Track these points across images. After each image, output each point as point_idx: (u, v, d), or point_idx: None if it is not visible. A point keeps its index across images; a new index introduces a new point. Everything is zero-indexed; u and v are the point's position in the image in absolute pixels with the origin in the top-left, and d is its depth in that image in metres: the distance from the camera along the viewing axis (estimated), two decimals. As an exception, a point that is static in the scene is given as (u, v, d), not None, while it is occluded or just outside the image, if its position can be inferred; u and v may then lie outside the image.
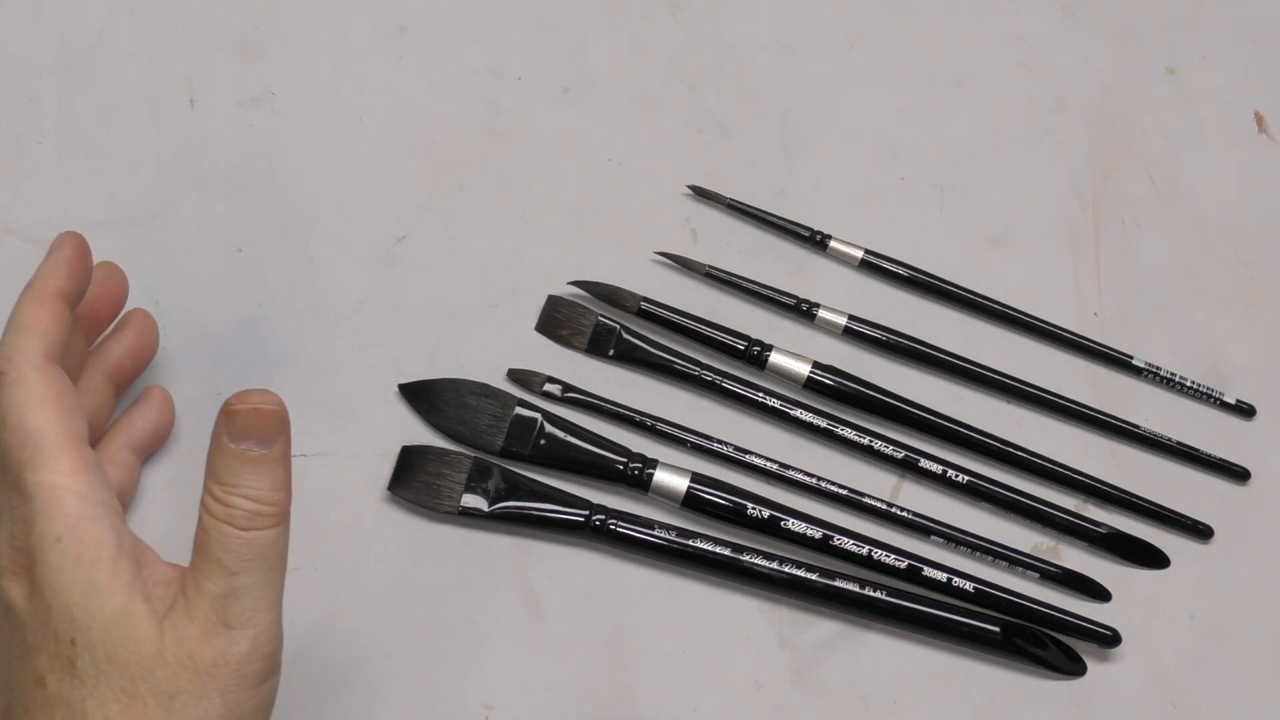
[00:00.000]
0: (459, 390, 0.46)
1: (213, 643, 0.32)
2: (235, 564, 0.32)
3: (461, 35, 0.52)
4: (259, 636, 0.32)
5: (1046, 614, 0.46)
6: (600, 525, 0.44)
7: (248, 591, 0.32)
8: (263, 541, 0.32)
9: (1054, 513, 0.48)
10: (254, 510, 0.32)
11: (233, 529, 0.32)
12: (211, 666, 0.32)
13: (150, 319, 0.43)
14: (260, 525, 0.32)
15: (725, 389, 0.48)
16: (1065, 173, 0.55)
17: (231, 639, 0.32)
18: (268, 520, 0.32)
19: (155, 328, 0.44)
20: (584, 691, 0.43)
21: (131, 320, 0.43)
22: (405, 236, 0.49)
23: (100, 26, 0.50)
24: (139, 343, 0.43)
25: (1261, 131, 0.57)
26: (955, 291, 0.52)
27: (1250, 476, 0.51)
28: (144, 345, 0.43)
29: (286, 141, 0.49)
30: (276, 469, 0.33)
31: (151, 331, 0.43)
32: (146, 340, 0.43)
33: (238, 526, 0.32)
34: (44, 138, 0.48)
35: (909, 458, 0.48)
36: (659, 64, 0.54)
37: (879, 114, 0.55)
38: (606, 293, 0.48)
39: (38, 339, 0.36)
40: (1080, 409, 0.50)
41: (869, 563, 0.46)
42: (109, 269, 0.42)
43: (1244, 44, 0.59)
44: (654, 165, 0.52)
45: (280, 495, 0.33)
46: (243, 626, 0.32)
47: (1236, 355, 0.53)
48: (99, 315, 0.42)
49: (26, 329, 0.36)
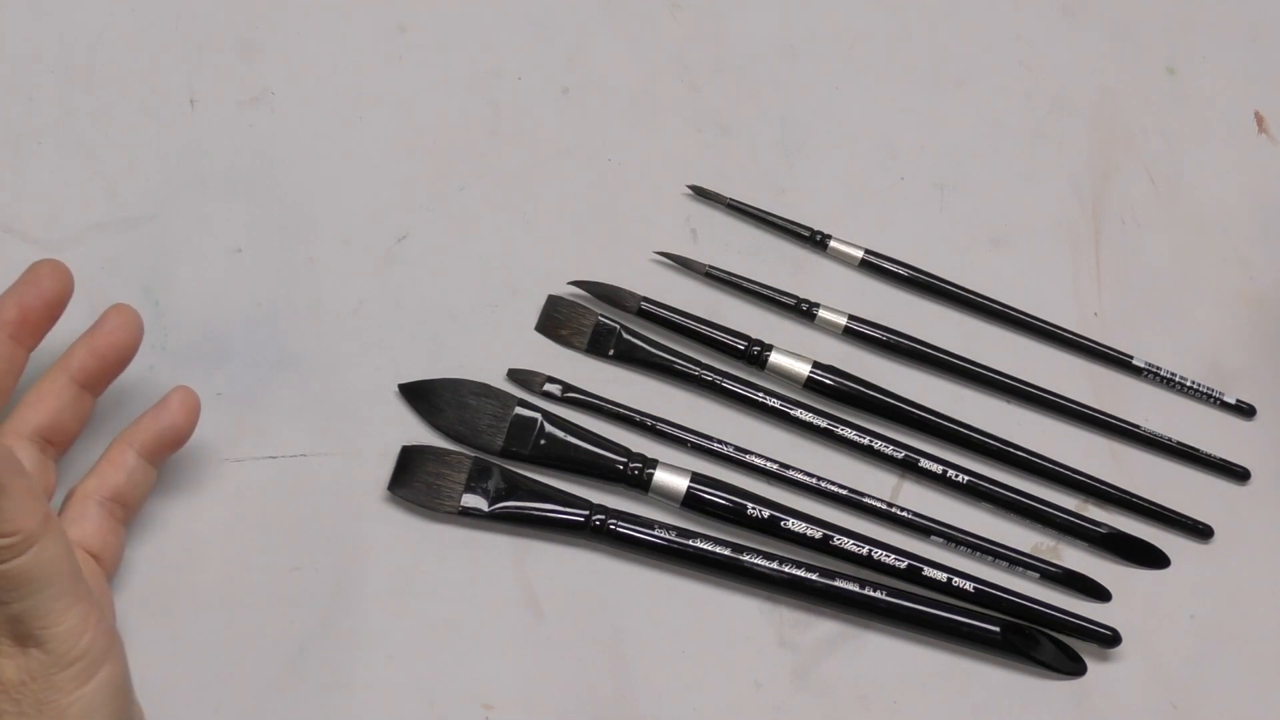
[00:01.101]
0: (459, 390, 0.46)
1: (13, 662, 0.33)
2: (1, 595, 0.33)
3: (461, 35, 0.52)
4: (58, 647, 0.33)
5: (1046, 614, 0.46)
6: (600, 525, 0.44)
7: (27, 614, 0.33)
8: (19, 570, 0.32)
9: (1054, 513, 0.48)
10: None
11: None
12: (18, 684, 0.33)
13: (126, 316, 0.41)
14: (8, 557, 0.32)
15: (725, 389, 0.48)
16: (1065, 173, 0.55)
17: (29, 656, 0.33)
18: (13, 550, 0.32)
19: (128, 325, 0.41)
20: (584, 691, 0.43)
21: (104, 320, 0.41)
22: (405, 236, 0.49)
23: (100, 26, 0.50)
24: (107, 341, 0.40)
25: (1261, 131, 0.57)
26: (955, 291, 0.52)
27: (1250, 476, 0.51)
28: (112, 344, 0.40)
29: (286, 141, 0.49)
30: (2, 503, 0.32)
31: (123, 330, 0.41)
32: (115, 339, 0.40)
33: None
34: (44, 138, 0.48)
35: (909, 458, 0.48)
36: (659, 64, 0.54)
37: (879, 114, 0.55)
38: (606, 293, 0.48)
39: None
40: (1080, 409, 0.50)
41: (869, 563, 0.46)
42: (40, 268, 0.40)
43: (1244, 44, 0.59)
44: (654, 165, 0.52)
45: (17, 524, 0.32)
46: (36, 643, 0.33)
47: (1236, 355, 0.53)
48: (30, 320, 0.40)
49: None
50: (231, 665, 0.42)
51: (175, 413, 0.41)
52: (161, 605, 0.42)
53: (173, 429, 0.41)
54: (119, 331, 0.41)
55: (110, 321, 0.41)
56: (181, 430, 0.41)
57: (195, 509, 0.43)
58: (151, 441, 0.41)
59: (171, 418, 0.41)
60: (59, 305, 0.40)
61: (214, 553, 0.43)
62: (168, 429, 0.41)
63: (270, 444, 0.45)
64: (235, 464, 0.44)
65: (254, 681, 0.42)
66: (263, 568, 0.43)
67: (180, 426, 0.41)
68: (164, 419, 0.41)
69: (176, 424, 0.41)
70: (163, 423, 0.41)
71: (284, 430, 0.45)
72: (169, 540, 0.43)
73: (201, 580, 0.43)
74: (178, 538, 0.43)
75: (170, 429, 0.41)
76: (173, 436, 0.41)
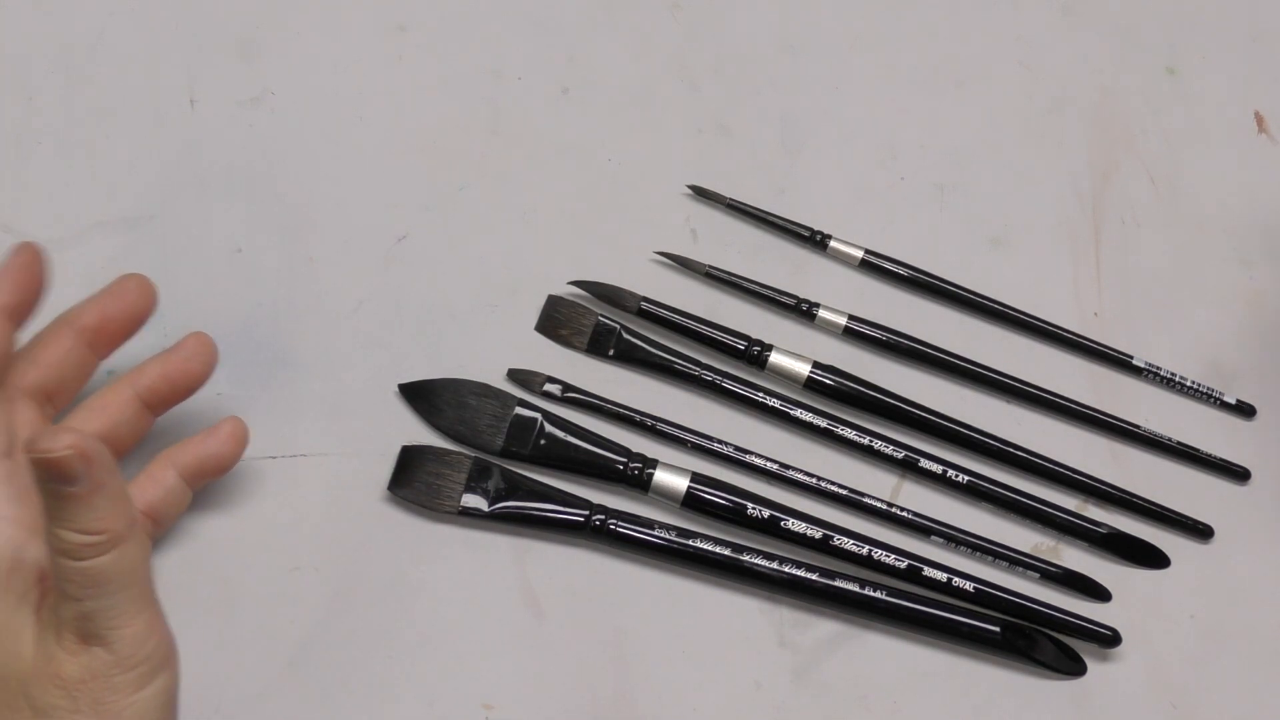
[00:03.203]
0: (459, 390, 0.46)
1: (75, 659, 0.33)
2: (77, 592, 0.32)
3: (461, 35, 0.53)
4: (123, 649, 0.33)
5: (1047, 614, 0.46)
6: (600, 525, 0.44)
7: (99, 613, 0.33)
8: (99, 568, 0.32)
9: (1054, 513, 0.48)
10: (81, 542, 0.32)
11: (67, 560, 0.32)
12: (79, 682, 0.33)
13: (203, 347, 0.41)
14: (92, 555, 0.32)
15: (725, 389, 0.48)
16: (1065, 173, 0.55)
17: (93, 655, 0.33)
18: (98, 549, 0.32)
19: (204, 356, 0.41)
20: (584, 691, 0.43)
21: (181, 345, 0.41)
22: (405, 236, 0.49)
23: (100, 26, 0.50)
24: (181, 369, 0.41)
25: (1261, 131, 0.57)
26: (955, 291, 0.52)
27: (1250, 476, 0.51)
28: (184, 372, 0.41)
29: (286, 141, 0.49)
30: (94, 501, 0.32)
31: (197, 361, 0.41)
32: (189, 368, 0.41)
33: (71, 558, 0.32)
34: (44, 138, 0.48)
35: (909, 458, 0.48)
36: (659, 64, 0.54)
37: (879, 114, 0.55)
38: (606, 293, 0.48)
39: None
40: (1080, 409, 0.50)
41: (869, 563, 0.46)
42: (128, 281, 0.41)
43: (1244, 44, 0.59)
44: (654, 165, 0.52)
45: (105, 524, 0.32)
46: (102, 643, 0.33)
47: (1236, 355, 0.53)
48: (109, 328, 0.40)
49: None
50: (231, 665, 0.42)
51: (223, 441, 0.41)
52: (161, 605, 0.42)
53: (217, 457, 0.41)
54: (194, 361, 0.41)
55: (188, 349, 0.41)
56: (226, 460, 0.41)
57: (195, 509, 0.43)
58: (194, 465, 0.41)
59: (219, 446, 0.41)
60: (139, 320, 0.41)
61: (214, 553, 0.43)
62: (212, 456, 0.41)
63: (270, 444, 0.45)
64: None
65: (254, 681, 0.42)
66: (263, 568, 0.43)
67: (225, 456, 0.41)
68: (211, 446, 0.41)
69: (222, 453, 0.41)
70: (209, 449, 0.41)
71: (284, 430, 0.45)
72: (169, 540, 0.43)
73: (201, 580, 0.43)
74: (177, 538, 0.43)
75: (215, 457, 0.41)
76: (215, 464, 0.41)
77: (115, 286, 0.41)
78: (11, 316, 0.39)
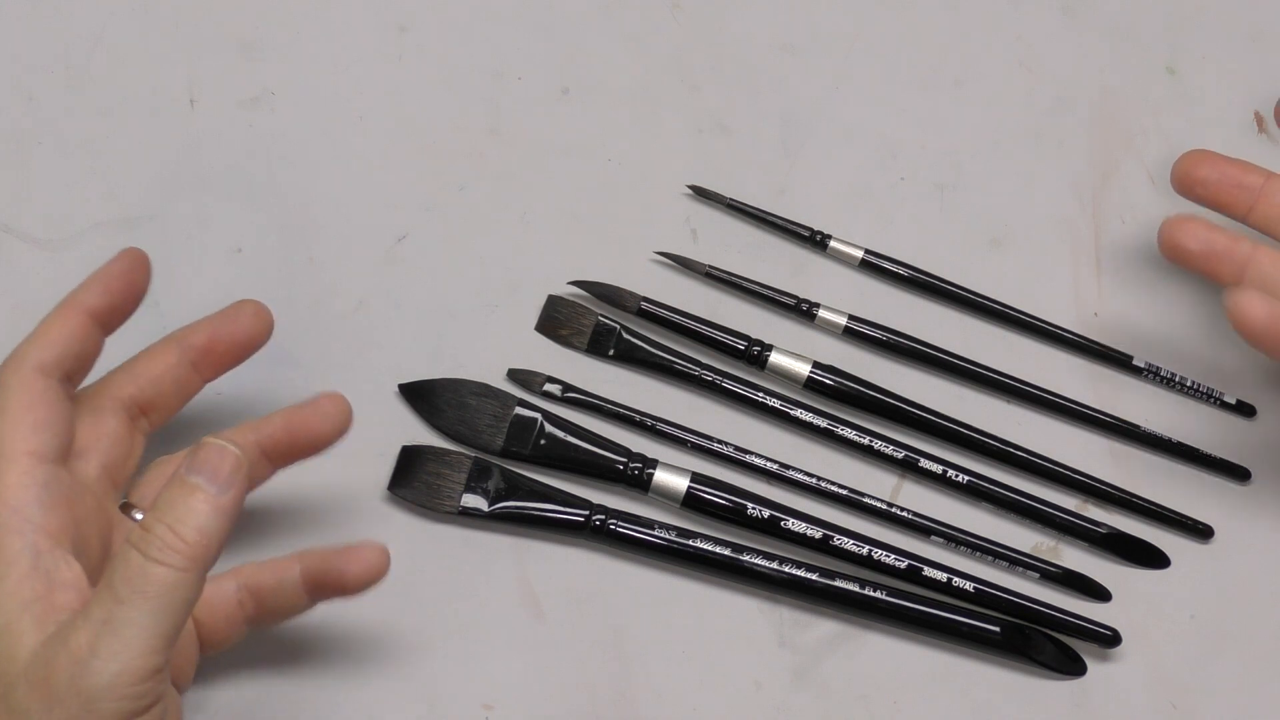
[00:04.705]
0: (459, 390, 0.46)
1: (70, 667, 0.30)
2: (124, 592, 0.30)
3: (461, 35, 0.52)
4: (119, 676, 0.30)
5: (1046, 614, 0.46)
6: (600, 525, 0.44)
7: (126, 625, 0.30)
8: (160, 578, 0.30)
9: (1054, 513, 0.48)
10: (166, 542, 0.31)
11: (137, 554, 0.31)
12: (63, 692, 0.30)
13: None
14: (165, 560, 0.30)
15: (725, 389, 0.48)
16: (1065, 173, 0.55)
17: (90, 668, 0.30)
18: (175, 558, 0.31)
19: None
20: (584, 691, 0.43)
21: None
22: (405, 236, 0.49)
23: (100, 26, 0.50)
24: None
25: (1261, 131, 0.57)
26: (955, 291, 0.51)
27: (1250, 476, 0.51)
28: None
29: (286, 141, 0.49)
30: (212, 514, 0.31)
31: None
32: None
33: (143, 552, 0.31)
34: (44, 138, 0.48)
35: (909, 458, 0.48)
36: (659, 64, 0.54)
37: (879, 114, 0.55)
38: (606, 293, 0.48)
39: (37, 349, 0.36)
40: (1080, 409, 0.50)
41: (869, 563, 0.46)
42: (244, 306, 0.40)
43: (1244, 44, 0.59)
44: (654, 165, 0.52)
45: (200, 539, 0.31)
46: (107, 659, 0.30)
47: (1236, 355, 0.53)
48: (217, 350, 0.39)
49: (32, 338, 0.36)
50: (231, 666, 0.42)
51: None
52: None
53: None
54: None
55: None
56: (316, 437, 0.39)
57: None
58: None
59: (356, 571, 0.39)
60: (250, 347, 0.40)
61: (214, 553, 0.43)
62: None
63: (270, 444, 0.45)
64: (235, 464, 0.44)
65: (253, 682, 0.42)
66: (263, 568, 0.43)
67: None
68: (349, 568, 0.38)
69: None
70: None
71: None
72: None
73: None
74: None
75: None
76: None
77: (231, 310, 0.40)
78: (100, 321, 0.38)
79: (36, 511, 0.34)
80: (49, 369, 0.36)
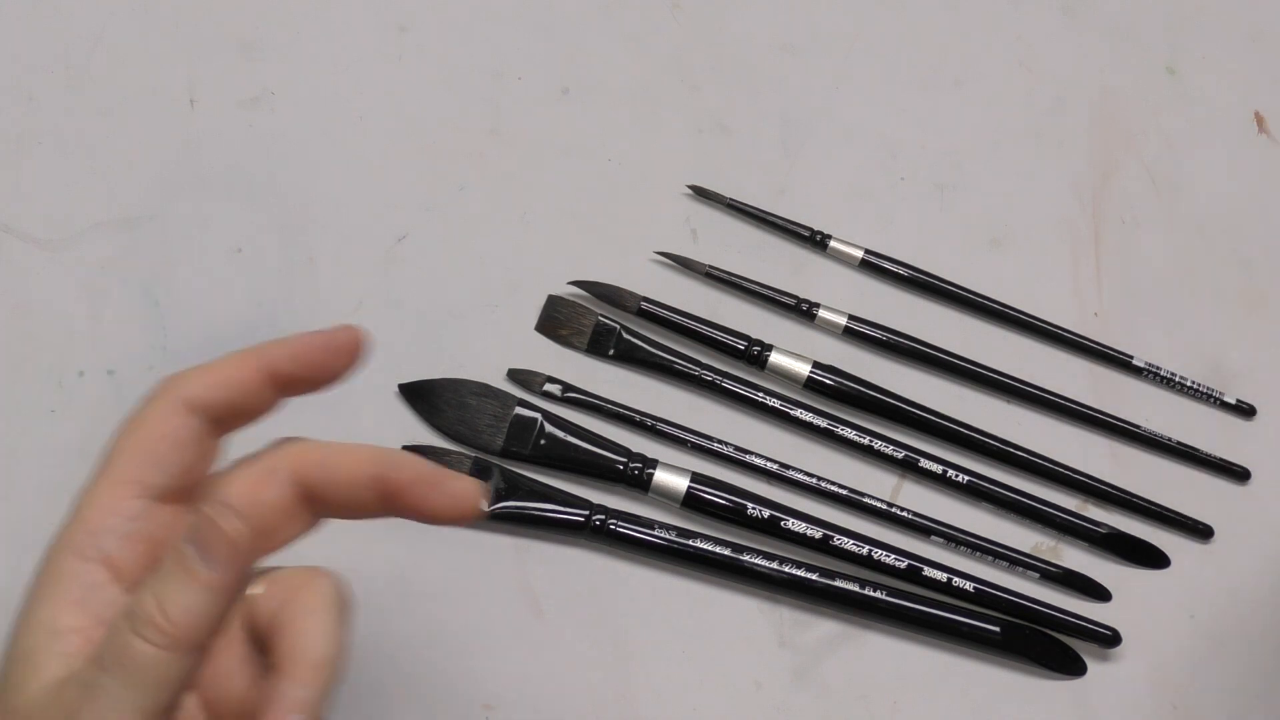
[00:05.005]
0: (459, 390, 0.46)
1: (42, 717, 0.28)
2: (107, 659, 0.28)
3: (461, 35, 0.52)
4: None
5: (1046, 614, 0.46)
6: (600, 525, 0.44)
7: (104, 694, 0.28)
8: (141, 653, 0.28)
9: (1054, 513, 0.48)
10: (148, 617, 0.28)
11: (122, 622, 0.28)
12: None
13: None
14: (148, 637, 0.28)
15: (725, 389, 0.48)
16: (1065, 173, 0.55)
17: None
18: (155, 636, 0.28)
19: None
20: (584, 691, 0.43)
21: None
22: (405, 236, 0.49)
23: (100, 26, 0.50)
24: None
25: (1261, 131, 0.57)
26: (955, 291, 0.52)
27: (1250, 476, 0.51)
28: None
29: (286, 141, 0.49)
30: (202, 593, 0.28)
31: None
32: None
33: (129, 623, 0.28)
34: (44, 138, 0.48)
35: (909, 458, 0.48)
36: (659, 64, 0.54)
37: (879, 114, 0.55)
38: (606, 293, 0.48)
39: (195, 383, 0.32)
40: (1080, 409, 0.50)
41: (869, 563, 0.46)
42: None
43: (1244, 44, 0.59)
44: (654, 165, 0.52)
45: (186, 620, 0.28)
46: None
47: (1236, 355, 0.53)
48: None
49: (198, 370, 0.32)
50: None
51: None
52: None
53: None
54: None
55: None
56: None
57: (195, 509, 0.43)
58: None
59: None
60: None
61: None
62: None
63: (270, 444, 0.45)
64: (235, 464, 0.44)
65: (254, 681, 0.42)
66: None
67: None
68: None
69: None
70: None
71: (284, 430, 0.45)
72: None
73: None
74: (178, 538, 0.43)
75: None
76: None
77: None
78: (276, 383, 0.33)
79: (111, 541, 0.30)
80: (197, 407, 0.32)
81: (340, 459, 0.33)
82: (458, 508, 0.33)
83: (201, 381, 0.32)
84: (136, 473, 0.31)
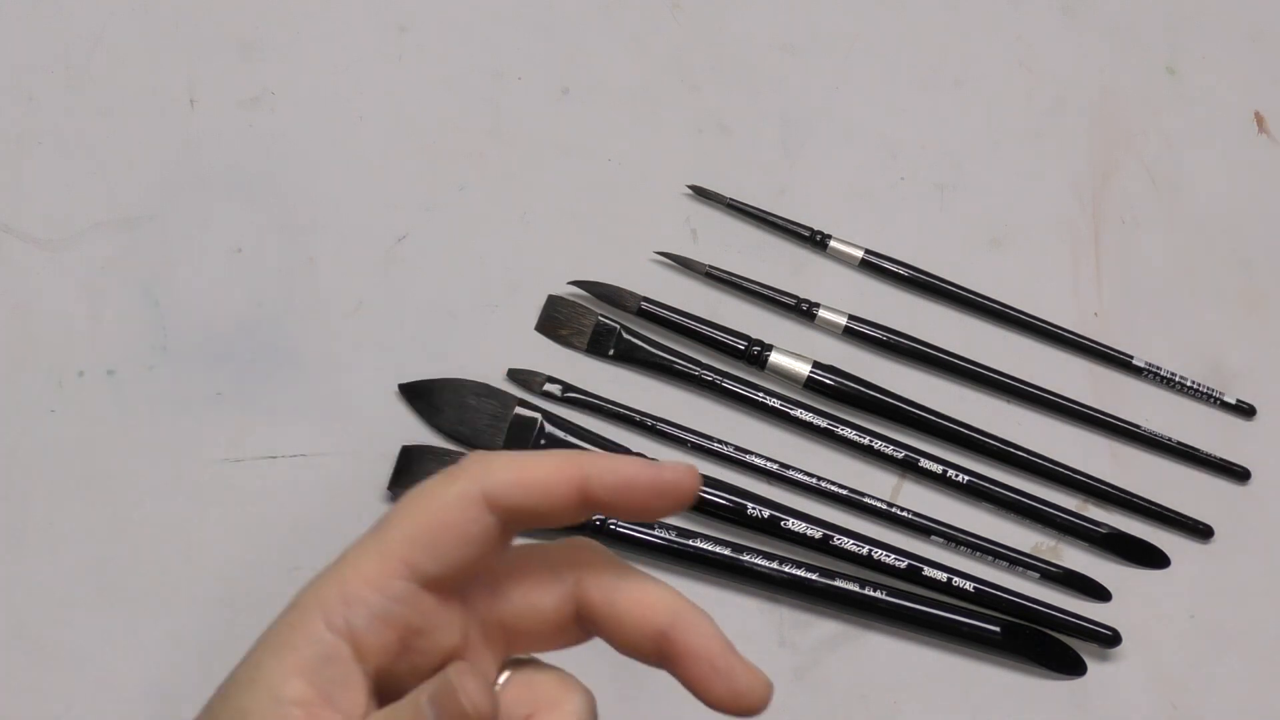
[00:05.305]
0: (459, 390, 0.46)
1: None
2: None
3: (461, 35, 0.52)
4: None
5: (1046, 614, 0.46)
6: (600, 525, 0.44)
7: None
8: None
9: (1054, 513, 0.48)
10: None
11: None
12: None
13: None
14: None
15: (725, 389, 0.48)
16: (1065, 173, 0.55)
17: None
18: None
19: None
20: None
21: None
22: (405, 236, 0.49)
23: (100, 26, 0.50)
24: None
25: (1261, 131, 0.57)
26: (955, 291, 0.52)
27: (1250, 476, 0.51)
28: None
29: (286, 141, 0.49)
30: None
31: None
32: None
33: None
34: (44, 138, 0.48)
35: (909, 458, 0.48)
36: (659, 64, 0.54)
37: (879, 114, 0.55)
38: (606, 293, 0.48)
39: (499, 482, 0.29)
40: (1080, 409, 0.50)
41: (869, 563, 0.46)
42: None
43: (1244, 44, 0.59)
44: (654, 165, 0.52)
45: None
46: None
47: (1236, 355, 0.53)
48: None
49: (507, 464, 0.29)
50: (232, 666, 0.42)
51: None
52: (162, 605, 0.42)
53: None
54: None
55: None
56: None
57: (195, 509, 0.43)
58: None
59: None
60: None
61: (214, 553, 0.43)
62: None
63: (270, 444, 0.45)
64: (235, 464, 0.44)
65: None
66: (263, 567, 0.43)
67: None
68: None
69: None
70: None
71: (284, 430, 0.45)
72: (169, 540, 0.43)
73: (201, 580, 0.43)
74: (178, 538, 0.43)
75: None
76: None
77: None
78: (586, 500, 0.29)
79: (362, 617, 0.28)
80: (498, 507, 0.29)
81: (627, 613, 0.30)
82: (738, 704, 0.30)
83: (512, 480, 0.29)
84: (411, 554, 0.28)
